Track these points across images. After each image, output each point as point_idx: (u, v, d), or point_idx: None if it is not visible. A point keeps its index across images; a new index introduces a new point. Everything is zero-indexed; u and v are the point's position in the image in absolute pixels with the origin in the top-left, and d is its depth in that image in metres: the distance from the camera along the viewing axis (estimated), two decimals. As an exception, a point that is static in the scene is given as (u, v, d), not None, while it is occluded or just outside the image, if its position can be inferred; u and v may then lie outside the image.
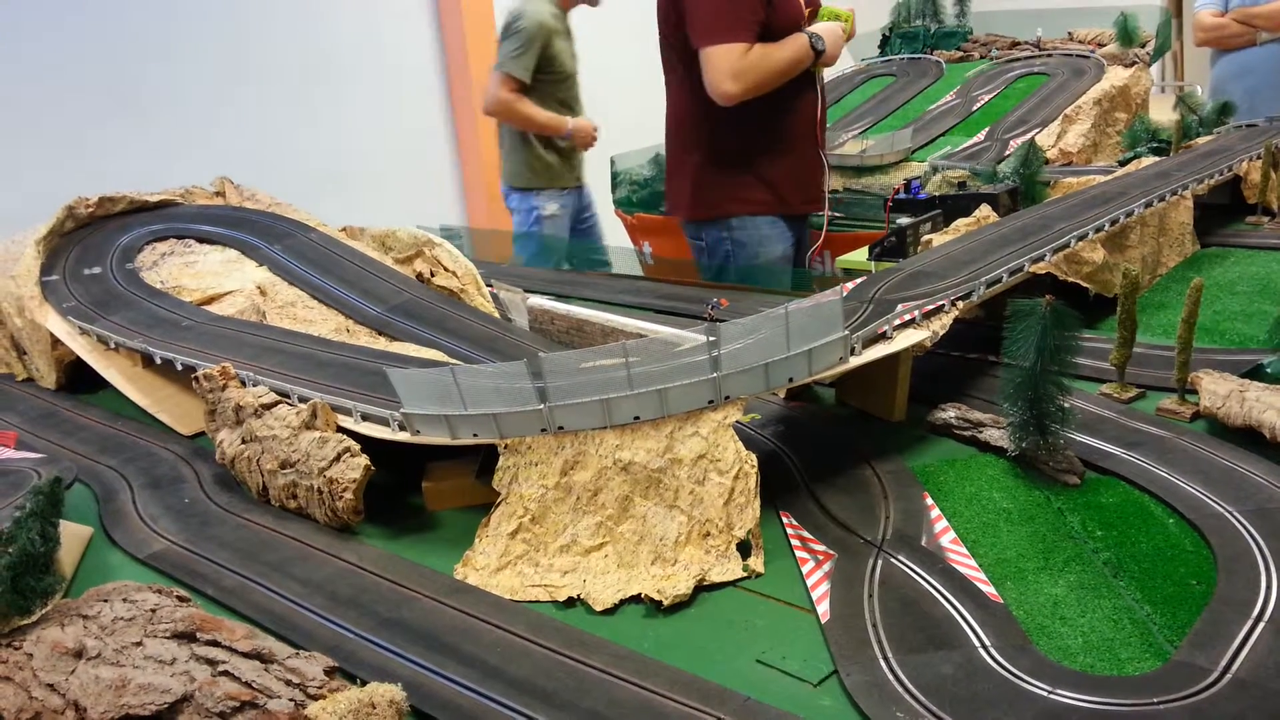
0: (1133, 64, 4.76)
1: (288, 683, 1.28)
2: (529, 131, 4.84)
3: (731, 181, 3.45)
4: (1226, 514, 1.56)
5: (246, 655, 1.32)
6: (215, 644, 1.34)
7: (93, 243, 2.90)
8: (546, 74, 4.73)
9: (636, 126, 4.92)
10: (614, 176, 4.94)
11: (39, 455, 2.12)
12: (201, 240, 2.91)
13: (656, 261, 4.44)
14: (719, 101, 3.23)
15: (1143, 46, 4.88)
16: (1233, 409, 1.79)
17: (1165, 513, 1.62)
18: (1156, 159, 3.34)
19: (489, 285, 2.74)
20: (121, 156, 4.72)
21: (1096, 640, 1.35)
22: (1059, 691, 1.23)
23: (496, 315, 2.62)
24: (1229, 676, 1.22)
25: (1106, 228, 2.46)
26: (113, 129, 4.80)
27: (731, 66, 3.16)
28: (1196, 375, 1.91)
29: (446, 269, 2.74)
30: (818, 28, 3.38)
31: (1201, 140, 3.59)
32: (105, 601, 1.45)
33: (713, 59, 3.17)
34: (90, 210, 2.98)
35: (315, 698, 1.25)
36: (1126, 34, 4.83)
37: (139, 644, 1.36)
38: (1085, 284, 2.38)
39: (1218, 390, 1.84)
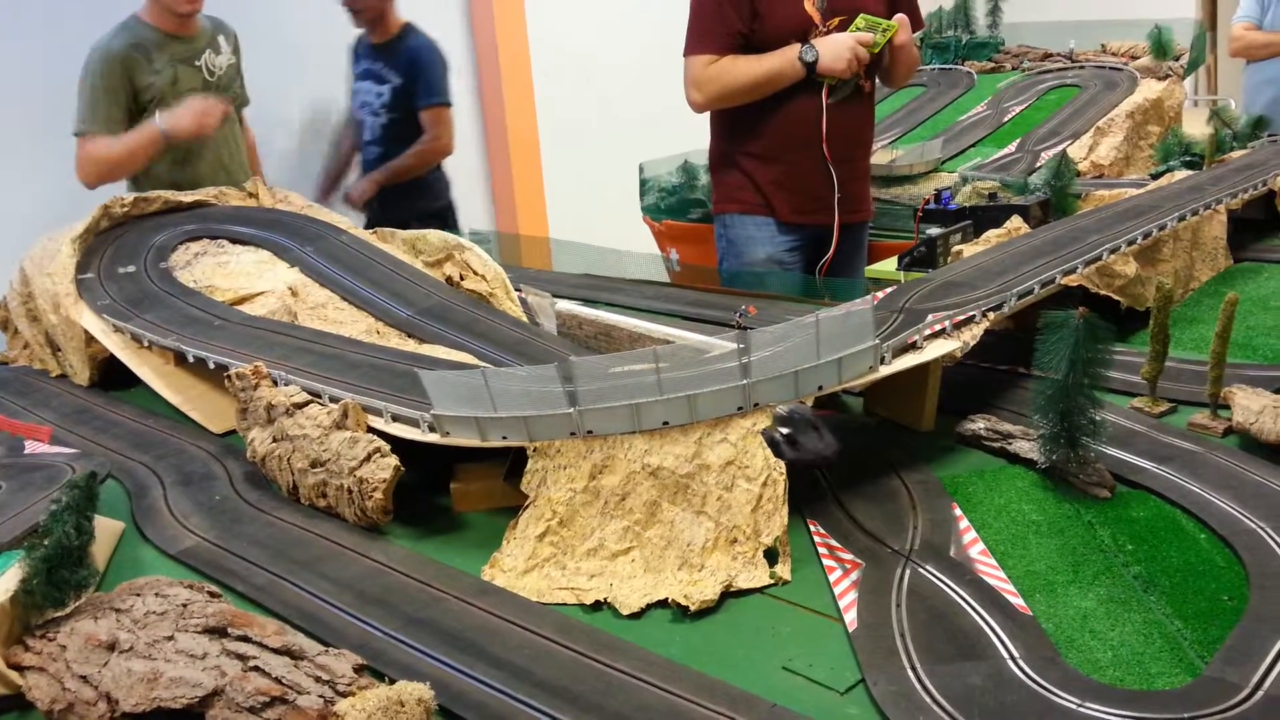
0: (1166, 77, 4.73)
1: (317, 679, 1.28)
2: (141, 166, 3.75)
3: (728, 180, 3.58)
4: (1259, 530, 1.54)
5: (277, 651, 1.33)
6: (246, 639, 1.36)
7: (127, 242, 2.93)
8: (143, 105, 3.73)
9: (674, 133, 4.91)
10: (642, 184, 4.94)
11: (72, 451, 2.14)
12: (234, 241, 2.94)
13: (683, 268, 4.44)
14: (690, 109, 3.49)
15: (1176, 60, 4.84)
16: (1265, 425, 1.78)
17: (1196, 528, 1.61)
18: (1189, 173, 3.32)
19: (518, 290, 2.75)
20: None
21: (1126, 654, 1.34)
22: (1088, 705, 1.22)
23: (525, 320, 2.63)
24: (1261, 693, 1.21)
25: (1139, 241, 2.44)
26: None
27: (694, 77, 3.38)
28: (1229, 390, 1.89)
29: (476, 273, 2.75)
30: (835, 38, 3.28)
31: (1235, 154, 3.56)
32: (138, 595, 1.46)
33: (685, 69, 3.42)
34: (126, 209, 3.02)
35: (344, 695, 1.26)
36: (1160, 47, 4.79)
37: (170, 638, 1.37)
38: (1117, 297, 2.37)
39: (1251, 406, 1.82)
